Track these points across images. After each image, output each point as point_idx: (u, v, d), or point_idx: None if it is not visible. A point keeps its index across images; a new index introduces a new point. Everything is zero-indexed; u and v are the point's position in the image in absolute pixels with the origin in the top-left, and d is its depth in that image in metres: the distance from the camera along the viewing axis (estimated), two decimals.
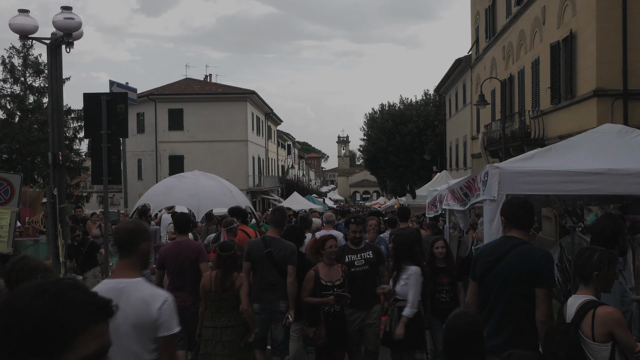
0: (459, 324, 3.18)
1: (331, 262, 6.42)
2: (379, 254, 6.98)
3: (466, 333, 3.15)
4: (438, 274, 7.06)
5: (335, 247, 6.44)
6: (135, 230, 3.49)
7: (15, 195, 8.19)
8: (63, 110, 9.71)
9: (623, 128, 6.58)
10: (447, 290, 7.04)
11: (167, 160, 41.23)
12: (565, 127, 16.67)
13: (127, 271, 3.38)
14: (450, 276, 7.11)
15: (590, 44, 15.04)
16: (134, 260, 3.43)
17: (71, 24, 8.69)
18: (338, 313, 6.37)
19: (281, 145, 65.79)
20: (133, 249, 3.43)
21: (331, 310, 6.32)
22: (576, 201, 7.69)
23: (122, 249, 3.48)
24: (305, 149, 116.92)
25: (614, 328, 3.49)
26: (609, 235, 4.36)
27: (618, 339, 3.49)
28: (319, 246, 6.46)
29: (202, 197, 10.66)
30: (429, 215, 11.39)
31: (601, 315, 3.54)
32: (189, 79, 46.64)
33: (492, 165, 5.69)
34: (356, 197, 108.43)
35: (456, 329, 3.18)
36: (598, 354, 3.54)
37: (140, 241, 3.46)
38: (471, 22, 32.01)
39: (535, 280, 4.01)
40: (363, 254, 6.80)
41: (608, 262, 3.72)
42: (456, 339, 3.16)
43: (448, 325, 3.24)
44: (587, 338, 3.58)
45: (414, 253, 6.52)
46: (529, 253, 4.11)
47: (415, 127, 47.53)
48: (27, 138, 33.81)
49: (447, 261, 7.20)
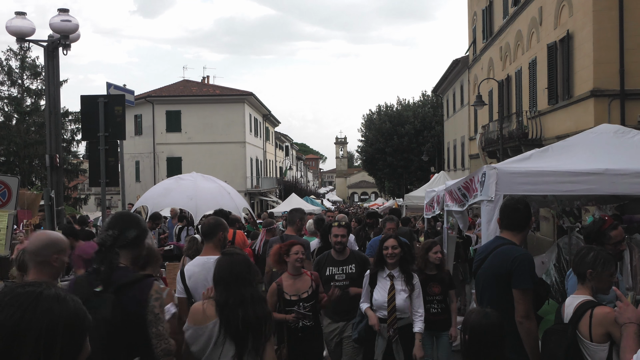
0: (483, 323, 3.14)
1: (297, 271, 5.39)
2: (364, 266, 6.21)
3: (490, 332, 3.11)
4: (428, 282, 6.34)
5: (302, 254, 5.41)
6: (215, 223, 5.01)
7: (12, 197, 8.17)
8: (60, 113, 9.72)
9: (620, 128, 6.59)
10: (439, 301, 6.36)
11: (165, 162, 41.21)
12: (562, 127, 16.70)
13: (212, 251, 4.82)
14: (442, 284, 6.43)
15: (587, 44, 15.06)
16: (216, 244, 4.91)
17: (68, 26, 8.69)
18: (309, 327, 5.34)
19: (279, 147, 65.80)
20: (214, 236, 4.92)
21: (299, 325, 5.28)
22: (574, 201, 7.70)
23: (207, 236, 4.96)
24: (303, 150, 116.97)
25: (611, 329, 3.49)
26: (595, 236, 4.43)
27: (616, 340, 3.48)
28: (283, 253, 5.42)
29: (200, 199, 10.65)
30: (427, 216, 11.41)
31: (598, 316, 3.53)
32: (186, 81, 46.64)
33: (490, 165, 5.69)
34: (354, 198, 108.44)
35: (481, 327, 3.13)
36: (595, 355, 3.53)
37: (219, 231, 4.97)
38: (468, 22, 32.05)
39: (510, 280, 4.00)
40: (345, 268, 6.19)
41: (603, 261, 3.72)
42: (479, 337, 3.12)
43: (471, 324, 3.19)
44: (584, 338, 3.57)
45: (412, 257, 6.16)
46: (505, 254, 4.09)
47: (413, 128, 47.56)
48: (24, 140, 33.84)
49: (439, 268, 6.53)
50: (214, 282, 3.77)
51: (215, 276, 3.75)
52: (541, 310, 4.50)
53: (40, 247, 3.50)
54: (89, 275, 3.29)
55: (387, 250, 5.74)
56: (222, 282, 3.68)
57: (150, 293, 3.22)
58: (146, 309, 3.17)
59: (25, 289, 1.45)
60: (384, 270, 5.76)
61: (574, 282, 4.51)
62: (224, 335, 3.55)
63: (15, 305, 1.39)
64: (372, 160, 52.06)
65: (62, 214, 8.77)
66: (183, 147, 41.16)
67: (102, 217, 9.49)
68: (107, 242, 3.31)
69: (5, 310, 1.38)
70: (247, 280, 3.71)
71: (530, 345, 3.93)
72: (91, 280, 3.21)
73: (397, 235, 6.06)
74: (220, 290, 3.68)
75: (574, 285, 4.52)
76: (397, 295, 5.59)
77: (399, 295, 5.59)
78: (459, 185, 6.87)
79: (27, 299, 1.41)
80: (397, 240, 5.82)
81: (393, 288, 5.62)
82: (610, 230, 4.57)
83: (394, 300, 5.56)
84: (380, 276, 5.76)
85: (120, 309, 3.05)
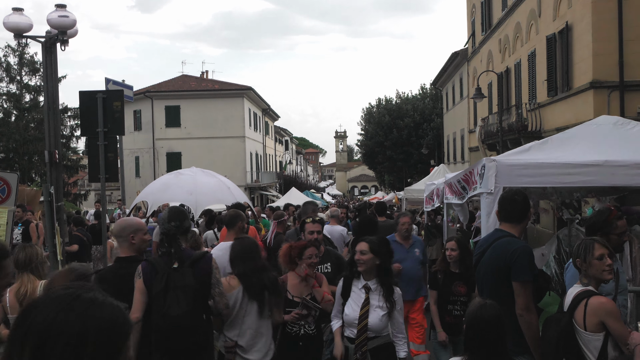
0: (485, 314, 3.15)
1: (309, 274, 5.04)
2: (339, 266, 5.74)
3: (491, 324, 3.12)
4: (453, 281, 5.86)
5: (317, 257, 5.10)
6: (235, 215, 6.08)
7: (12, 194, 8.16)
8: (59, 109, 9.70)
9: (619, 120, 6.58)
10: (462, 302, 5.74)
11: (164, 158, 41.18)
12: (562, 119, 16.68)
13: (233, 237, 5.54)
14: (467, 284, 5.77)
15: (586, 35, 15.03)
16: (236, 231, 5.86)
17: (65, 21, 8.66)
18: (311, 336, 4.94)
19: (279, 141, 65.75)
20: (235, 225, 5.93)
21: (300, 333, 4.89)
22: (573, 193, 7.69)
23: (228, 225, 6.01)
24: (302, 144, 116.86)
25: (605, 318, 3.51)
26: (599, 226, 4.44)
27: (610, 330, 3.50)
28: (295, 255, 5.06)
29: (200, 193, 10.65)
30: (427, 209, 11.42)
31: (593, 305, 3.56)
32: (185, 76, 46.51)
33: (489, 158, 5.68)
34: (354, 191, 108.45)
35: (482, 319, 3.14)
36: (590, 344, 3.56)
37: (238, 221, 5.97)
38: (467, 15, 31.97)
39: (509, 273, 4.00)
40: (321, 267, 5.65)
41: (584, 247, 3.78)
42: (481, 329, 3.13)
43: (471, 316, 3.20)
44: (579, 327, 3.60)
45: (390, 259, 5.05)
46: (504, 246, 4.09)
47: (412, 121, 47.49)
48: (23, 137, 33.80)
49: (463, 265, 5.88)
50: (230, 260, 4.76)
51: (231, 255, 4.76)
52: (542, 302, 4.50)
53: (119, 230, 4.49)
54: (161, 256, 4.28)
55: (356, 255, 4.78)
56: (237, 258, 4.70)
57: (212, 264, 4.36)
58: (211, 275, 4.30)
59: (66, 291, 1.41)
60: (360, 279, 4.80)
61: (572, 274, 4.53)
62: (248, 298, 4.57)
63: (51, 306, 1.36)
64: (371, 154, 52.05)
65: (62, 210, 8.75)
66: (182, 142, 41.12)
67: (102, 212, 9.48)
68: (172, 231, 4.30)
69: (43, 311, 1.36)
70: (256, 254, 4.76)
71: (531, 337, 3.93)
72: (165, 260, 4.18)
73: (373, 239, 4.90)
74: (237, 264, 4.70)
75: (571, 277, 4.54)
76: (371, 311, 4.64)
77: (373, 312, 4.64)
78: (458, 178, 6.87)
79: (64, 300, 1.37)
80: (370, 245, 4.75)
81: (368, 303, 4.67)
82: (616, 220, 4.57)
83: (366, 317, 4.62)
84: (355, 286, 4.81)
85: (196, 277, 4.12)
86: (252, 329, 4.59)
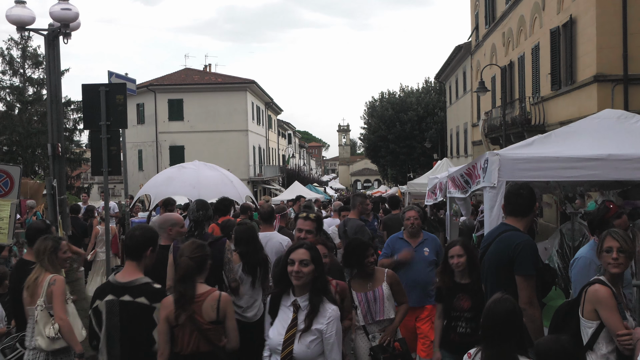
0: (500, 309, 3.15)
1: None
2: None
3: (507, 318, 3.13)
4: (456, 293, 4.77)
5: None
6: (272, 211, 7.10)
7: (15, 187, 8.18)
8: (62, 102, 9.68)
9: (623, 113, 6.55)
10: (468, 319, 4.66)
11: (167, 151, 41.24)
12: (565, 113, 16.63)
13: (268, 228, 6.72)
14: (474, 297, 4.66)
15: (590, 29, 14.97)
16: (270, 224, 6.88)
17: (68, 14, 8.64)
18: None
19: (282, 135, 65.73)
20: (273, 219, 7.07)
21: None
22: (576, 187, 7.68)
23: (265, 219, 6.79)
24: (305, 138, 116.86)
25: (597, 306, 3.59)
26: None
27: (602, 319, 3.55)
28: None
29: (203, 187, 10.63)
30: (429, 203, 11.40)
31: (589, 293, 3.65)
32: (188, 69, 46.52)
33: (492, 152, 5.67)
34: (357, 185, 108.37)
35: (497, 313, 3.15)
36: (584, 330, 3.67)
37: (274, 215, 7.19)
38: (471, 8, 31.85)
39: (513, 267, 4.00)
40: None
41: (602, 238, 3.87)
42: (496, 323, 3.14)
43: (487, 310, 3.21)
44: (580, 313, 3.70)
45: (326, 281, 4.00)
46: (508, 240, 4.08)
47: (416, 115, 47.43)
48: (27, 130, 33.82)
49: (470, 275, 4.79)
50: (235, 241, 5.77)
51: (236, 237, 5.77)
52: (546, 297, 4.50)
53: (160, 223, 5.81)
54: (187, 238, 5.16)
55: (292, 266, 3.70)
56: (242, 240, 5.70)
57: (226, 246, 5.51)
58: (224, 255, 5.44)
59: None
60: (289, 295, 3.79)
61: (578, 270, 4.53)
62: (245, 271, 5.62)
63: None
64: (374, 148, 51.99)
65: (65, 203, 8.76)
66: (185, 135, 41.16)
67: (105, 205, 9.49)
68: (200, 218, 5.61)
69: None
70: (255, 238, 5.78)
71: (534, 331, 3.92)
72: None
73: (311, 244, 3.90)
74: (241, 244, 5.69)
75: (577, 273, 4.54)
76: (297, 336, 3.63)
77: (302, 338, 3.62)
78: (461, 172, 6.85)
79: None
80: (311, 253, 3.75)
81: (295, 325, 3.67)
82: (614, 219, 4.56)
83: (292, 343, 3.63)
84: (283, 303, 3.81)
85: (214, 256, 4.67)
86: (247, 294, 5.66)
